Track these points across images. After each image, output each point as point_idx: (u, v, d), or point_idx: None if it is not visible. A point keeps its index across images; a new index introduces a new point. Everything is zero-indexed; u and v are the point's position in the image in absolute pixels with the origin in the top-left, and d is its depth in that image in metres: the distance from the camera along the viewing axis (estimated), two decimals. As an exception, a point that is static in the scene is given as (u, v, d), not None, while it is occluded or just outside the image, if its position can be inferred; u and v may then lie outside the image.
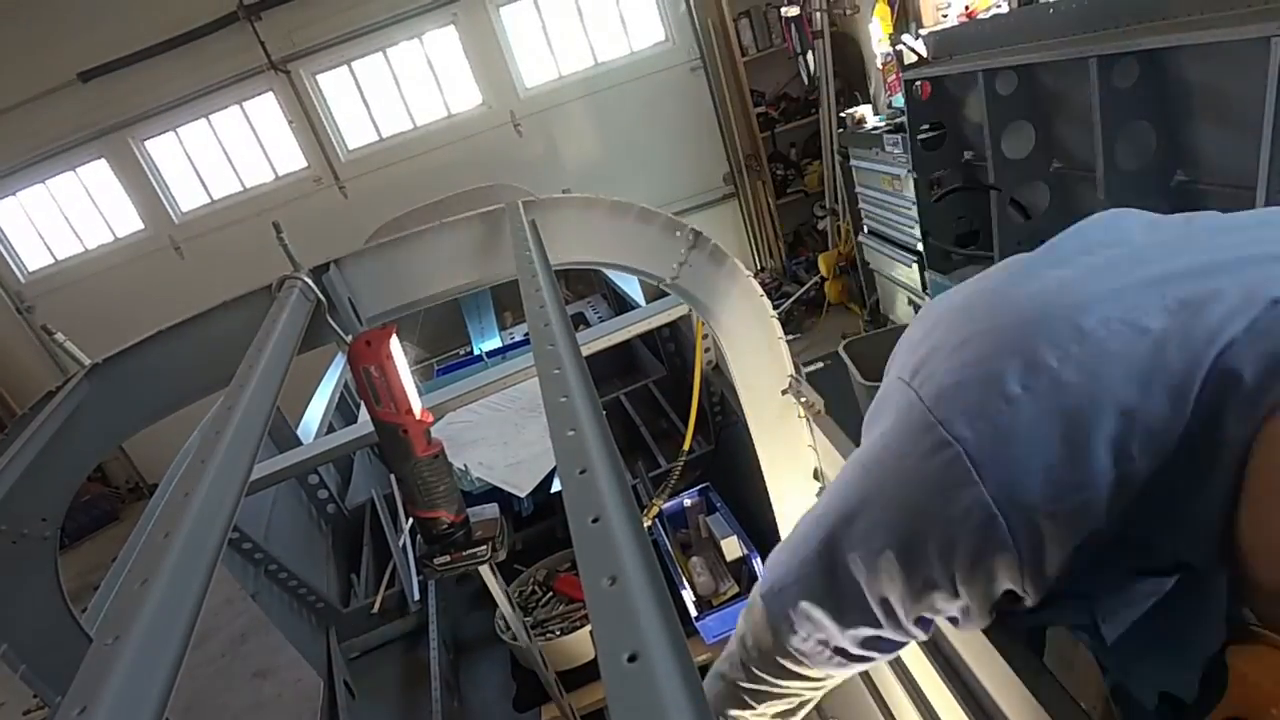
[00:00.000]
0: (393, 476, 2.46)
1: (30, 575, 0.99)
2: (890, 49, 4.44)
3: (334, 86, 6.25)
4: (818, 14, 5.23)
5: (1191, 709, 0.57)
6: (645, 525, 1.78)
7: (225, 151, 6.34)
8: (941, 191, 3.71)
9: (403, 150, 6.35)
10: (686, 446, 1.63)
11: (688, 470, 2.15)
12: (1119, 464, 0.54)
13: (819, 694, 0.89)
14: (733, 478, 2.21)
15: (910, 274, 4.21)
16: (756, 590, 0.82)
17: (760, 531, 1.94)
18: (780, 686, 0.85)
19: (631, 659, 0.30)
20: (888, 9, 4.56)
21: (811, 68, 5.55)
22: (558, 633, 1.95)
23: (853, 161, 4.83)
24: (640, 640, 0.31)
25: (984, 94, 2.97)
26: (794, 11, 5.34)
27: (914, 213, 3.90)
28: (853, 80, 5.83)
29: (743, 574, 1.95)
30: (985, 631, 0.81)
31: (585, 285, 4.44)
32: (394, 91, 6.30)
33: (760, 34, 6.19)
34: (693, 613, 1.82)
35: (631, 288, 3.52)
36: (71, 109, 5.84)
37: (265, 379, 0.69)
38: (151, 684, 0.37)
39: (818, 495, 1.30)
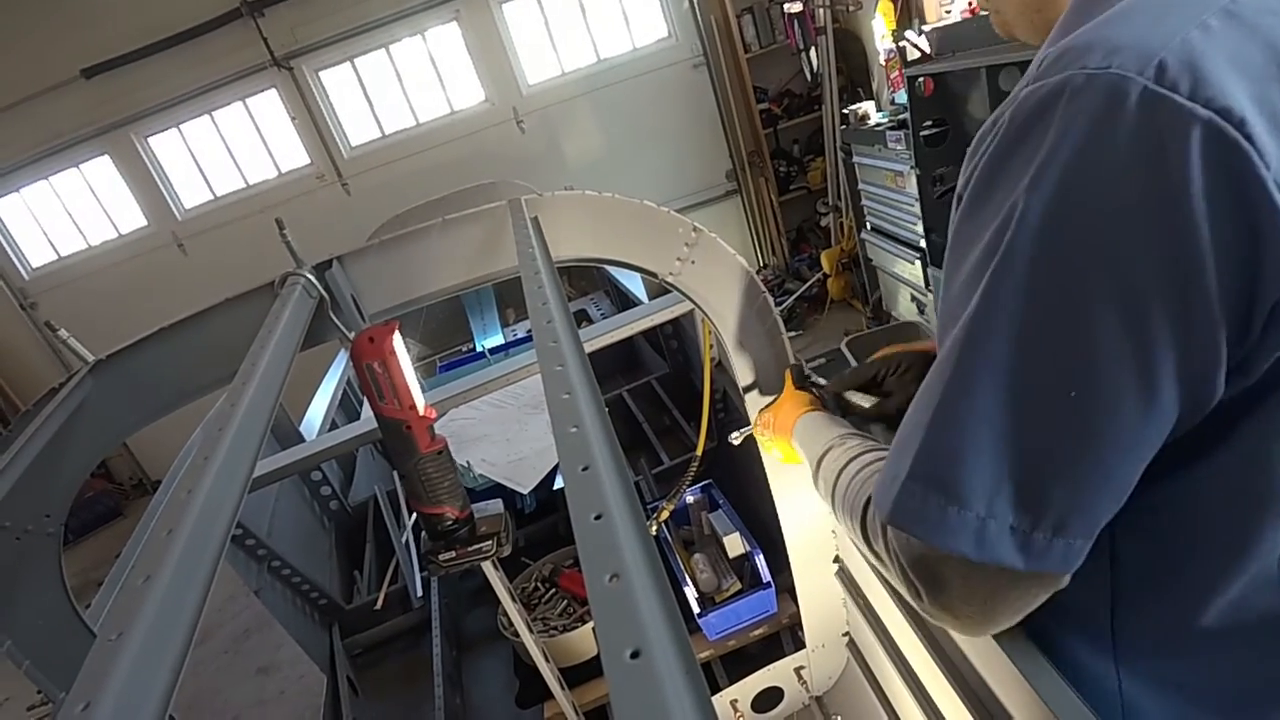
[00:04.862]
0: (396, 473, 2.47)
1: (34, 572, 1.00)
2: (893, 45, 4.43)
3: (337, 83, 6.25)
4: (820, 10, 5.22)
5: None
6: (653, 529, 1.77)
7: (228, 148, 6.34)
8: (944, 188, 3.70)
9: (405, 147, 6.35)
10: (700, 449, 1.63)
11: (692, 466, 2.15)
12: None
13: None
14: (735, 474, 2.21)
15: (913, 270, 4.21)
16: None
17: (762, 528, 1.94)
18: None
19: (634, 655, 0.30)
20: (891, 5, 4.54)
21: (814, 64, 5.53)
22: (560, 629, 1.95)
23: (855, 158, 4.82)
24: (643, 637, 0.31)
25: (987, 90, 2.96)
26: (797, 8, 5.32)
27: (917, 209, 3.89)
28: (855, 77, 5.82)
29: (745, 570, 1.95)
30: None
31: (588, 282, 4.44)
32: (397, 88, 6.30)
33: (763, 30, 6.17)
34: (695, 609, 1.82)
35: (634, 284, 3.52)
36: (75, 105, 5.84)
37: (268, 376, 0.69)
38: (155, 680, 0.37)
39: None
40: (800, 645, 1.68)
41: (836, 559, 1.40)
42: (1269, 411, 0.52)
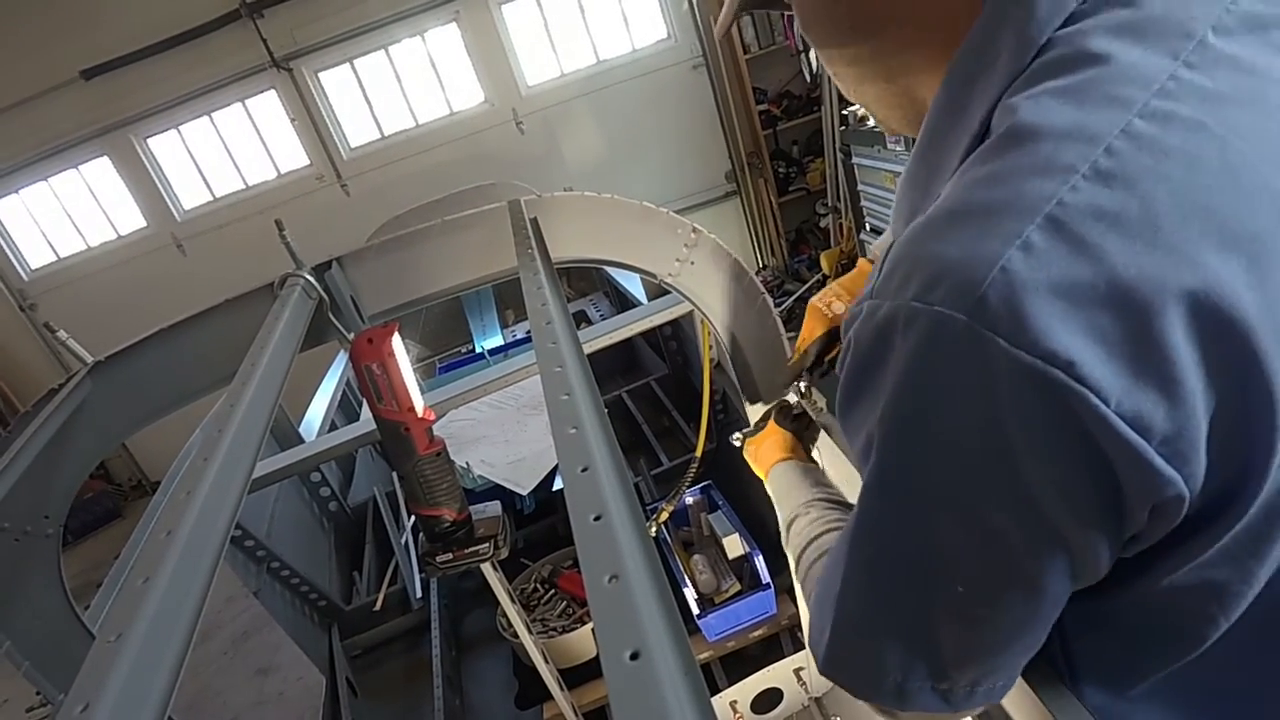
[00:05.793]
0: (395, 474, 2.47)
1: (33, 573, 1.00)
2: (893, 46, 4.43)
3: (336, 84, 6.25)
4: (820, 11, 5.22)
5: None
6: (652, 530, 1.75)
7: (228, 149, 6.34)
8: (944, 189, 3.70)
9: (405, 148, 6.35)
10: (700, 450, 1.63)
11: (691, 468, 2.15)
12: None
13: None
14: (734, 475, 2.21)
15: (912, 272, 4.21)
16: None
17: (762, 529, 1.94)
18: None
19: (633, 657, 0.30)
20: (890, 6, 4.55)
21: (814, 65, 5.53)
22: (560, 630, 1.95)
23: (855, 159, 4.83)
24: (642, 638, 0.31)
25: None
26: (796, 9, 5.33)
27: (916, 210, 3.89)
28: (855, 78, 5.82)
29: (744, 571, 1.95)
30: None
31: (587, 283, 4.44)
32: (396, 89, 6.30)
33: (762, 31, 6.18)
34: (695, 610, 1.82)
35: (633, 285, 3.52)
36: (74, 106, 5.84)
37: (267, 377, 0.69)
38: (154, 681, 0.37)
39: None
40: (800, 646, 1.68)
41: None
42: (1183, 550, 0.51)
